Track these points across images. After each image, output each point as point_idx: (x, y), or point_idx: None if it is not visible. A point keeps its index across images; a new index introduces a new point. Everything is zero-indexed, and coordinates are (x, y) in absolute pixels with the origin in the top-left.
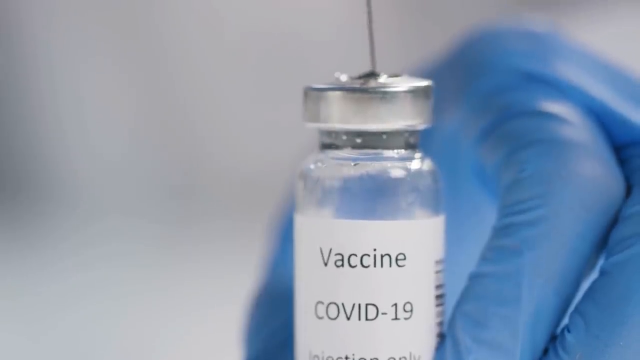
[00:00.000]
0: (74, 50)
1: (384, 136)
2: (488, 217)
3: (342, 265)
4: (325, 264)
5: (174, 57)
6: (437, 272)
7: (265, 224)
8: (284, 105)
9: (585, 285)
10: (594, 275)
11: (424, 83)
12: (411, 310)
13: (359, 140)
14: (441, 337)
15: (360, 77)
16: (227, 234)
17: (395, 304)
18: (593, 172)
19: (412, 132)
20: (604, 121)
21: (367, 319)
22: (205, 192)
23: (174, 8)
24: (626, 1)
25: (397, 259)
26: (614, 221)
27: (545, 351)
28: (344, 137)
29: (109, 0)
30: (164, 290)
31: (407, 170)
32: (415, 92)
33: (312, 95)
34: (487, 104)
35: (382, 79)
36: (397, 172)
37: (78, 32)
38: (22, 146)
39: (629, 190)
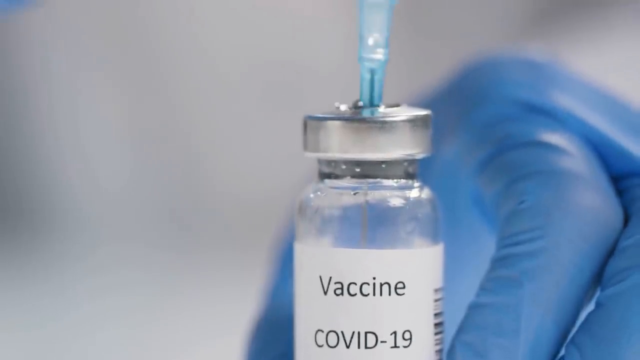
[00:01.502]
0: (74, 75)
1: (383, 165)
2: (487, 246)
3: (342, 293)
4: (325, 293)
5: (175, 87)
6: (436, 300)
7: (265, 252)
8: (285, 134)
9: (582, 316)
10: (590, 306)
11: (423, 112)
12: (410, 339)
13: (358, 170)
14: None
15: (359, 107)
16: (228, 261)
17: (395, 332)
18: (592, 203)
19: (411, 162)
20: (602, 152)
21: (366, 347)
22: (206, 220)
23: (173, 39)
24: (625, 28)
25: (396, 288)
26: (612, 252)
27: None
28: (343, 167)
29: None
30: (164, 317)
31: (406, 199)
32: (414, 121)
33: (312, 124)
34: (486, 134)
35: (382, 108)
36: (396, 201)
37: (79, 64)
38: (24, 174)
39: (627, 221)
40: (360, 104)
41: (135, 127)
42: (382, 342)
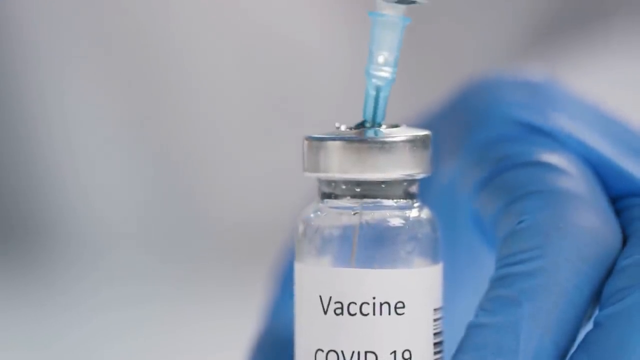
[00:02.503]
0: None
1: (383, 185)
2: (487, 266)
3: (342, 313)
4: (325, 312)
5: (175, 108)
6: (435, 320)
7: (266, 270)
8: (286, 152)
9: (581, 335)
10: (588, 326)
11: (423, 133)
12: (410, 358)
13: (358, 190)
14: None
15: (359, 127)
16: (228, 279)
17: (394, 352)
18: (590, 224)
19: (411, 182)
20: (601, 172)
21: None
22: (207, 237)
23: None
24: (624, 47)
25: (396, 307)
26: (610, 272)
27: None
28: (344, 187)
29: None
30: (165, 334)
31: (406, 219)
32: (414, 142)
33: (312, 145)
34: (485, 154)
35: (381, 128)
36: (396, 221)
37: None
38: (26, 189)
39: (625, 241)
40: (366, 124)
41: (136, 145)
42: None
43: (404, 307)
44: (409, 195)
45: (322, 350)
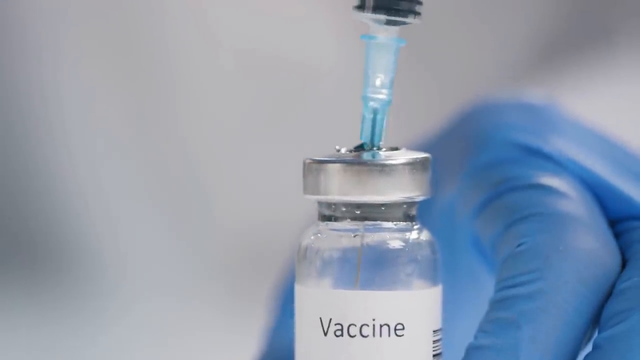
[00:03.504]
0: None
1: (383, 208)
2: (486, 287)
3: (342, 334)
4: (325, 334)
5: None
6: (435, 341)
7: (266, 293)
8: (286, 175)
9: (580, 357)
10: (587, 348)
11: (422, 156)
12: None
13: (358, 212)
14: None
15: (358, 149)
16: (229, 301)
17: None
18: (589, 246)
19: (411, 204)
20: (600, 194)
21: None
22: (207, 259)
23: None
24: (624, 69)
25: (395, 329)
26: (609, 294)
27: None
28: (344, 209)
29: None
30: (167, 356)
31: (406, 241)
32: (413, 164)
33: (312, 167)
34: (485, 177)
35: (381, 151)
36: (395, 244)
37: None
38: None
39: (624, 263)
40: (365, 146)
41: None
42: None
43: (403, 328)
44: (409, 218)
45: None
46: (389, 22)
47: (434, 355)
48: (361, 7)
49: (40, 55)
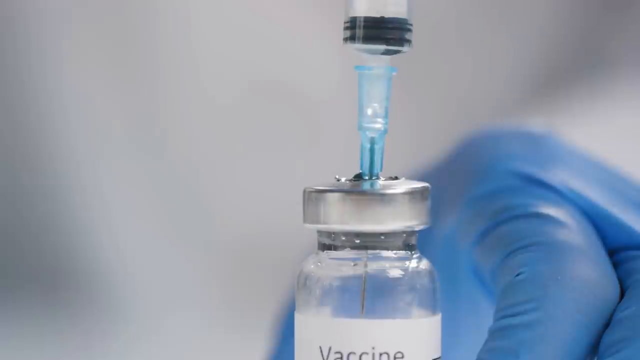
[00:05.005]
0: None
1: (382, 237)
2: (487, 316)
3: None
4: None
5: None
6: None
7: (267, 321)
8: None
9: None
10: None
11: (422, 185)
12: None
13: (357, 241)
14: None
15: (358, 179)
16: (230, 329)
17: None
18: (588, 276)
19: (410, 233)
20: (599, 224)
21: None
22: (207, 285)
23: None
24: (624, 100)
25: (395, 357)
26: (608, 324)
27: None
28: (343, 238)
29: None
30: None
31: (405, 270)
32: (413, 194)
33: (312, 196)
34: (485, 207)
35: (381, 181)
36: (395, 272)
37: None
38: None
39: (623, 293)
40: (364, 176)
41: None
42: None
43: (403, 357)
44: (408, 247)
45: None
46: (386, 52)
47: None
48: (352, 38)
49: (44, 57)
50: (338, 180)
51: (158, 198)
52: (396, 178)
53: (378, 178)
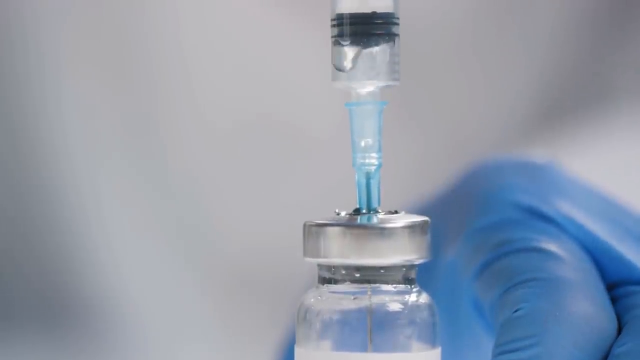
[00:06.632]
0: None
1: (382, 271)
2: (488, 350)
3: None
4: None
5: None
6: None
7: (268, 355)
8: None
9: None
10: None
11: (421, 219)
12: None
13: (357, 275)
14: None
15: (357, 213)
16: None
17: None
18: (586, 312)
19: (410, 267)
20: (600, 258)
21: None
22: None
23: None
24: (626, 131)
25: None
26: (606, 359)
27: None
28: (343, 272)
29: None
30: None
31: (405, 304)
32: (412, 228)
33: (312, 230)
34: (486, 239)
35: (380, 215)
36: (394, 306)
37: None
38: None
39: (621, 328)
40: (362, 211)
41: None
42: None
43: None
44: (408, 281)
45: None
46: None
47: None
48: (340, 35)
49: (42, 61)
50: (338, 214)
51: (159, 230)
52: (396, 212)
53: (378, 212)
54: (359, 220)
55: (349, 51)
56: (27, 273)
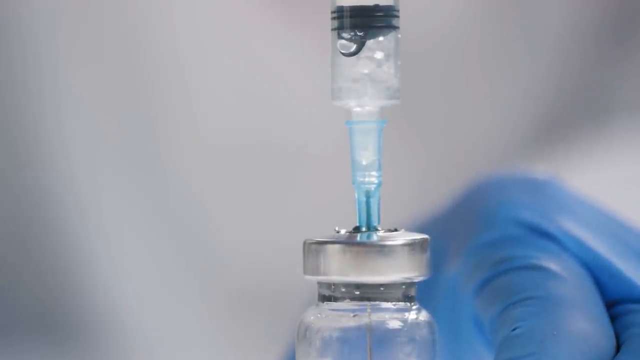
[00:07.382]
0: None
1: (382, 288)
2: None
3: None
4: None
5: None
6: None
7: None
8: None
9: None
10: None
11: (421, 237)
12: None
13: (357, 292)
14: None
15: (357, 230)
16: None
17: None
18: (584, 330)
19: (410, 285)
20: (600, 275)
21: None
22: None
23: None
24: (627, 148)
25: None
26: None
27: None
28: (343, 289)
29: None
30: None
31: (404, 321)
32: (412, 245)
33: (312, 248)
34: (486, 256)
35: (380, 232)
36: (394, 324)
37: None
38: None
39: (619, 347)
40: (361, 229)
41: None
42: None
43: None
44: (408, 298)
45: None
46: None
47: None
48: (340, 27)
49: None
50: (338, 232)
51: (157, 244)
52: (395, 230)
53: (377, 230)
54: (358, 238)
55: (349, 44)
56: (25, 277)
